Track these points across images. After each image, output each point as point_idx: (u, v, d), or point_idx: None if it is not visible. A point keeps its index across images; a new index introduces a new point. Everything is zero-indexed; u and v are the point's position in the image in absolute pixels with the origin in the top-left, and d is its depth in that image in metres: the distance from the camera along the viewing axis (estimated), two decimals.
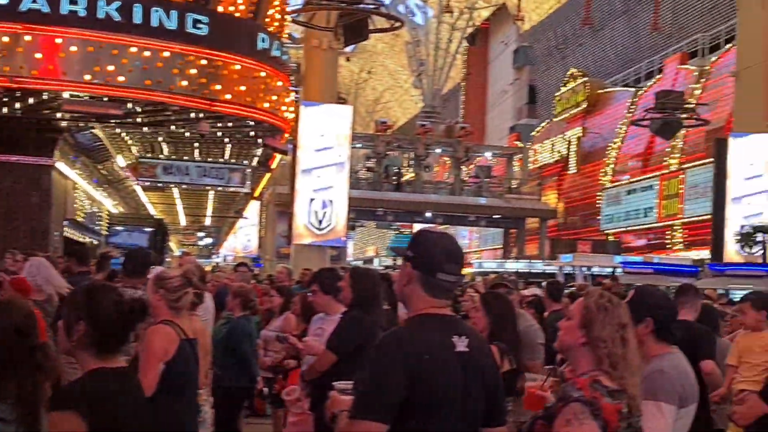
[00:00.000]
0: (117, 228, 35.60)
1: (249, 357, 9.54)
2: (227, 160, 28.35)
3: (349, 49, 45.72)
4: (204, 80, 16.65)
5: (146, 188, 33.87)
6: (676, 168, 38.98)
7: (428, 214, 45.96)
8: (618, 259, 34.07)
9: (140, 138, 25.18)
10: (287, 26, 24.42)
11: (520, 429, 4.58)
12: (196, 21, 16.45)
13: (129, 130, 23.41)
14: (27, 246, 15.68)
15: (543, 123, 55.82)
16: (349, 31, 23.70)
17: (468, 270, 41.91)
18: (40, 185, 19.80)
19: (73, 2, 15.46)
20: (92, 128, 22.60)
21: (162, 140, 25.29)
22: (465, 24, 55.98)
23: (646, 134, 38.29)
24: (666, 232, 39.77)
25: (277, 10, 20.55)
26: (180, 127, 21.03)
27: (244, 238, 58.08)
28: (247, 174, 28.91)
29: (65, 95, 16.56)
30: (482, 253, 57.41)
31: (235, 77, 17.27)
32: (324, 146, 32.83)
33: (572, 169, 49.31)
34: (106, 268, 11.09)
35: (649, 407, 3.98)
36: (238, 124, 19.89)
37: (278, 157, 30.81)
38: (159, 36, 16.09)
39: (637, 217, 42.01)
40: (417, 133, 48.42)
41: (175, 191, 35.02)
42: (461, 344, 3.66)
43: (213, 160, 28.33)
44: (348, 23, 22.71)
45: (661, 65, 43.81)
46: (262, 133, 20.91)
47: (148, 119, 20.21)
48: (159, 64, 16.12)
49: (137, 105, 17.84)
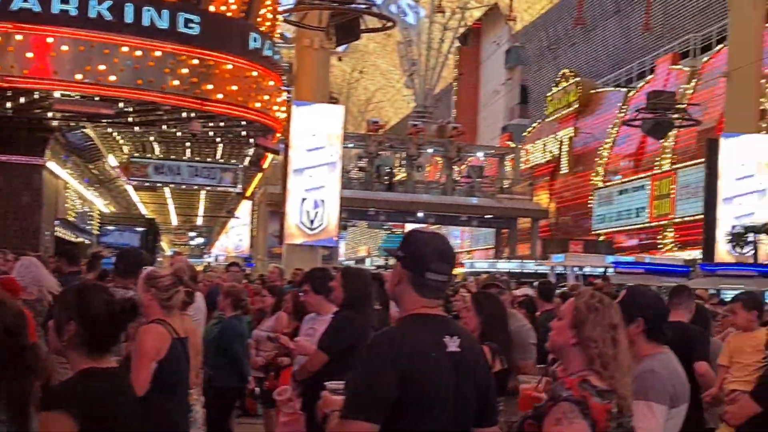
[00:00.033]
0: (108, 228, 35.45)
1: (240, 357, 9.52)
2: (216, 160, 28.28)
3: (341, 49, 45.71)
4: (196, 80, 16.66)
5: (138, 188, 33.78)
6: (668, 168, 39.08)
7: (420, 214, 45.91)
8: (610, 259, 34.12)
9: (131, 137, 25.13)
10: (279, 26, 24.41)
11: (512, 429, 4.58)
12: (188, 20, 16.46)
13: (120, 130, 23.37)
14: (18, 245, 15.67)
15: (535, 123, 55.91)
16: (341, 31, 23.67)
17: (460, 270, 41.91)
18: (31, 185, 19.79)
19: (65, 1, 15.47)
20: (83, 128, 22.56)
21: (153, 140, 25.24)
22: (457, 24, 55.94)
23: (638, 134, 38.34)
24: (658, 233, 39.85)
25: (269, 10, 20.57)
26: (171, 127, 21.01)
27: (236, 238, 57.94)
28: (239, 174, 28.86)
29: (56, 94, 16.55)
30: (474, 253, 57.40)
31: (227, 77, 17.28)
32: (316, 146, 32.75)
33: (564, 170, 49.39)
34: (97, 268, 11.07)
35: (640, 407, 3.98)
36: (230, 124, 19.88)
37: (270, 157, 30.76)
38: (150, 35, 16.10)
39: (629, 218, 42.10)
40: (409, 133, 48.37)
41: (167, 191, 34.92)
42: (453, 344, 3.65)
43: (203, 160, 28.26)
44: (340, 23, 22.67)
45: (653, 65, 43.92)
46: (254, 133, 20.90)
47: (140, 119, 20.20)
48: (150, 64, 16.13)
49: (129, 104, 17.83)
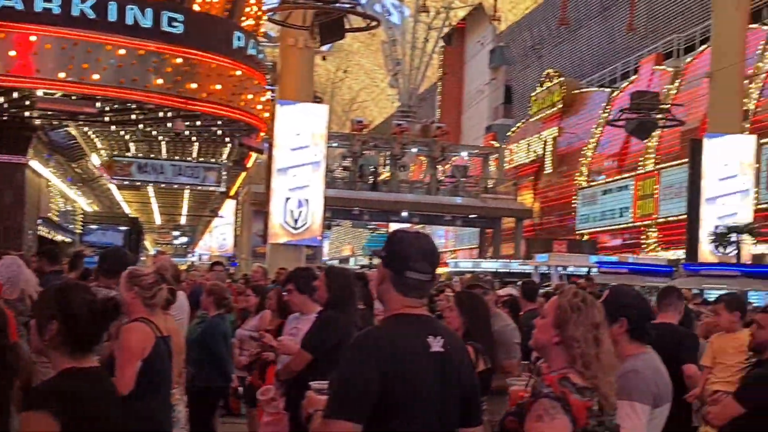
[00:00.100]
0: (91, 227, 35.26)
1: (224, 356, 9.48)
2: (196, 158, 28.16)
3: (326, 48, 45.66)
4: (179, 78, 16.59)
5: (121, 187, 33.62)
6: (652, 168, 39.20)
7: (404, 214, 45.89)
8: (593, 259, 34.22)
9: (107, 136, 24.98)
10: (263, 25, 24.36)
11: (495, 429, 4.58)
12: (172, 19, 16.39)
13: (97, 129, 23.24)
14: (1, 245, 15.59)
15: (519, 123, 56.00)
16: (326, 30, 23.67)
17: (444, 269, 41.92)
18: (14, 183, 19.67)
19: (48, 0, 15.38)
20: (66, 126, 22.46)
21: (129, 138, 25.10)
22: (441, 24, 55.92)
23: (622, 135, 38.43)
24: (641, 233, 39.97)
25: (253, 11, 20.53)
26: (148, 126, 20.93)
27: (220, 237, 57.87)
28: (223, 173, 28.79)
29: (39, 93, 16.47)
30: (458, 253, 57.40)
31: (211, 76, 17.21)
32: (300, 145, 32.72)
33: (548, 169, 49.47)
34: (79, 267, 11.01)
35: (624, 407, 3.98)
36: (208, 123, 19.80)
37: (254, 156, 30.70)
38: (134, 34, 16.02)
39: (613, 218, 42.22)
40: (393, 133, 48.36)
41: (150, 190, 34.80)
42: (437, 344, 3.65)
43: (181, 159, 28.12)
44: (324, 22, 22.65)
45: (637, 66, 44.06)
46: (239, 132, 20.85)
47: (119, 117, 20.12)
48: (134, 62, 16.06)
49: (108, 103, 17.76)
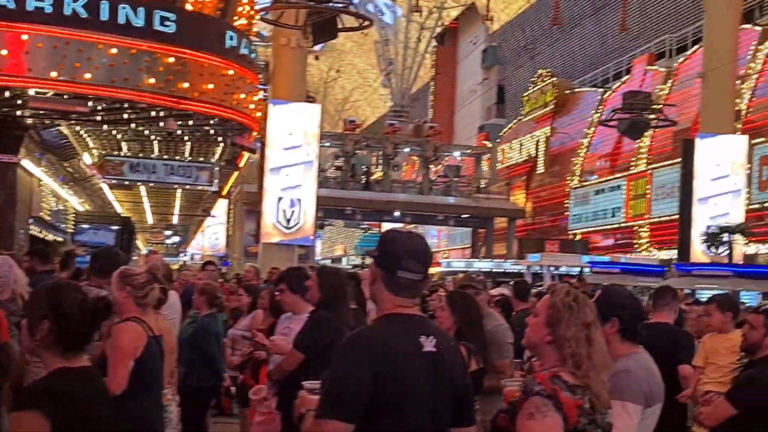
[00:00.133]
0: (83, 226, 35.20)
1: (216, 356, 9.46)
2: (188, 158, 28.10)
3: (318, 48, 45.60)
4: (171, 78, 16.55)
5: (113, 186, 33.55)
6: (644, 168, 39.25)
7: (397, 213, 45.93)
8: (585, 259, 34.26)
9: (99, 135, 24.93)
10: (256, 24, 24.33)
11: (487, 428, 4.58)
12: (164, 18, 16.34)
13: (89, 128, 23.20)
14: None
15: (511, 123, 56.04)
16: (318, 30, 23.68)
17: (436, 269, 41.93)
18: (5, 183, 19.62)
19: None
20: (58, 126, 22.42)
21: (121, 137, 25.05)
22: (434, 23, 56.01)
23: (614, 135, 38.48)
24: (633, 233, 40.02)
25: (246, 10, 20.48)
26: (140, 125, 20.89)
27: (212, 237, 57.78)
28: (215, 172, 28.72)
29: (31, 92, 16.43)
30: (450, 253, 57.46)
31: (203, 75, 17.17)
32: (292, 145, 32.68)
33: (540, 169, 49.51)
34: (71, 267, 10.98)
35: (616, 407, 3.97)
36: (200, 122, 19.76)
37: (246, 156, 30.68)
38: (126, 33, 15.97)
39: (605, 217, 42.26)
40: (386, 132, 48.39)
41: (142, 189, 34.73)
42: (429, 344, 3.65)
43: (173, 158, 28.05)
44: (317, 22, 22.66)
45: (629, 66, 44.12)
46: (231, 132, 20.81)
47: (111, 117, 20.07)
48: (126, 62, 16.00)
49: (99, 102, 17.72)
